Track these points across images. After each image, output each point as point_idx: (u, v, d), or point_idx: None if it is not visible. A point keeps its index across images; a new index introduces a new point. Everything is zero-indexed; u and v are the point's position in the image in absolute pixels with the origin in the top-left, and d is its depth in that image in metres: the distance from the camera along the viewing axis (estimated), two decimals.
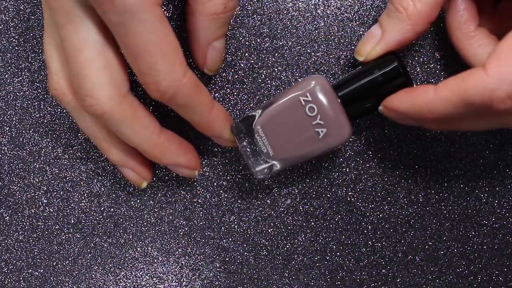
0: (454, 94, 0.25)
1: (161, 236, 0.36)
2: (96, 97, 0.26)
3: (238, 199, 0.36)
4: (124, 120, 0.27)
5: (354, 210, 0.35)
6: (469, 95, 0.24)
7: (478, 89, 0.24)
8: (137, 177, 0.33)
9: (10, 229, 0.37)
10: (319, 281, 0.36)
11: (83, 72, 0.26)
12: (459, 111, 0.25)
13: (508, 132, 0.34)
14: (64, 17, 0.26)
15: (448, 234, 0.35)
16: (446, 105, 0.25)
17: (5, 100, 0.36)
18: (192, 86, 0.27)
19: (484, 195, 0.35)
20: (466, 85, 0.24)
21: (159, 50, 0.25)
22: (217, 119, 0.29)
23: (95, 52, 0.26)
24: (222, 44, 0.30)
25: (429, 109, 0.26)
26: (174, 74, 0.26)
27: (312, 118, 0.28)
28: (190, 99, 0.27)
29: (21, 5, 0.35)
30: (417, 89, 0.27)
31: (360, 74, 0.29)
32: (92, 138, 0.31)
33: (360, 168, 0.35)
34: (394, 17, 0.28)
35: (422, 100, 0.26)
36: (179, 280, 0.37)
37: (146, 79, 0.26)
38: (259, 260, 0.36)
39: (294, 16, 0.33)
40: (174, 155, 0.30)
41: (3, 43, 0.35)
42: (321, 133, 0.29)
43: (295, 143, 0.29)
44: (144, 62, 0.25)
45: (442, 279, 0.35)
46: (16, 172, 0.36)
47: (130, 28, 0.24)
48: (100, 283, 0.37)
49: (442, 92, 0.25)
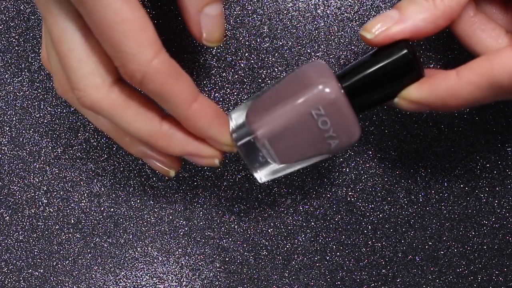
0: (481, 76, 0.23)
1: (161, 236, 0.36)
2: (82, 88, 0.25)
3: (238, 199, 0.36)
4: (115, 110, 0.26)
5: (354, 210, 0.35)
6: (498, 76, 0.22)
7: (507, 67, 0.22)
8: (162, 167, 0.30)
9: (10, 229, 0.37)
10: (319, 281, 0.36)
11: (67, 63, 0.25)
12: (486, 94, 0.23)
13: (508, 132, 0.34)
14: (45, 10, 0.25)
15: (448, 234, 0.35)
16: (472, 90, 0.23)
17: (5, 100, 0.36)
18: (164, 71, 0.24)
19: (484, 195, 0.35)
20: (493, 65, 0.22)
21: (121, 29, 0.23)
22: (200, 115, 0.26)
23: (75, 40, 0.25)
24: (217, 10, 0.26)
25: (453, 95, 0.24)
26: (141, 56, 0.23)
27: (324, 131, 0.26)
28: (162, 87, 0.24)
29: (21, 5, 0.35)
30: (436, 75, 0.25)
31: (367, 63, 0.26)
32: (106, 132, 0.29)
33: (360, 168, 0.35)
34: (419, 3, 0.26)
35: (444, 86, 0.24)
36: (179, 280, 0.37)
37: (116, 62, 0.24)
38: (259, 260, 0.36)
39: (294, 16, 0.33)
40: (181, 144, 0.27)
41: (3, 43, 0.35)
42: (333, 144, 0.27)
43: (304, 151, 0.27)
44: (108, 43, 0.23)
45: (442, 279, 0.35)
46: (16, 172, 0.36)
47: (89, 7, 0.23)
48: (100, 283, 0.37)
49: (467, 75, 0.23)
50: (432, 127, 0.34)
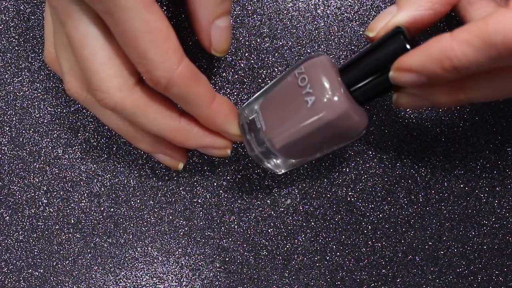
0: (474, 35, 0.22)
1: (161, 236, 0.36)
2: (105, 90, 0.26)
3: (238, 199, 0.36)
4: (137, 110, 0.27)
5: (354, 210, 0.35)
6: (491, 34, 0.22)
7: (500, 26, 0.21)
8: (171, 161, 0.32)
9: (10, 229, 0.37)
10: (319, 281, 0.36)
11: (89, 67, 0.26)
12: (479, 56, 0.22)
13: (508, 132, 0.34)
14: (64, 14, 0.26)
15: (448, 234, 0.35)
16: (465, 50, 0.22)
17: (5, 100, 0.36)
18: (187, 76, 0.26)
19: (484, 195, 0.35)
20: (487, 25, 0.22)
21: (147, 38, 0.24)
22: (218, 113, 0.28)
23: (98, 45, 0.26)
24: (226, 22, 0.28)
25: (446, 55, 0.23)
26: (166, 64, 0.25)
27: (302, 88, 0.27)
28: (186, 90, 0.26)
29: (21, 5, 0.35)
30: (429, 40, 0.24)
31: (364, 51, 0.26)
32: (117, 131, 0.31)
33: (360, 168, 0.35)
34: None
35: (438, 47, 0.23)
36: (179, 280, 0.37)
37: (140, 68, 0.25)
38: (259, 260, 0.36)
39: (294, 16, 0.33)
40: (198, 138, 0.29)
41: (3, 43, 0.35)
42: (309, 101, 0.26)
43: (286, 116, 0.27)
44: (134, 51, 0.24)
45: (442, 279, 0.35)
46: (16, 172, 0.36)
47: (116, 17, 0.23)
48: (100, 283, 0.37)
49: (460, 34, 0.23)
50: (432, 127, 0.34)
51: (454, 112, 0.34)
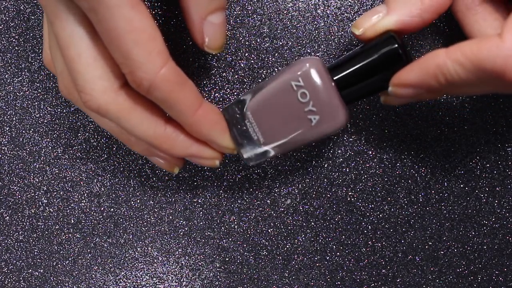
0: (466, 58, 0.23)
1: (161, 236, 0.36)
2: (88, 92, 0.25)
3: (238, 199, 0.36)
4: (121, 113, 0.26)
5: (354, 210, 0.35)
6: (482, 61, 0.23)
7: (491, 55, 0.23)
8: (167, 164, 0.31)
9: (10, 229, 0.37)
10: (319, 281, 0.36)
11: (74, 67, 0.25)
12: (470, 77, 0.24)
13: (508, 132, 0.34)
14: (53, 14, 0.25)
15: (448, 234, 0.35)
16: (458, 69, 0.24)
17: (5, 100, 0.36)
18: (171, 80, 0.25)
19: (484, 195, 0.35)
20: (480, 49, 0.23)
21: (130, 37, 0.23)
22: (203, 121, 0.27)
23: (84, 45, 0.25)
24: (220, 19, 0.27)
25: (441, 71, 0.24)
26: (149, 65, 0.24)
27: (304, 104, 0.27)
28: (169, 95, 0.25)
29: (21, 5, 0.35)
30: (425, 56, 0.25)
31: (357, 55, 0.27)
32: (112, 132, 0.30)
33: (360, 168, 0.35)
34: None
35: (433, 63, 0.24)
36: (179, 280, 0.37)
37: (123, 69, 0.24)
38: (259, 260, 0.36)
39: (294, 16, 0.33)
40: (184, 146, 0.28)
41: (3, 43, 0.35)
42: (313, 120, 0.27)
43: (287, 130, 0.28)
44: (118, 51, 0.24)
45: (442, 279, 0.35)
46: (16, 172, 0.36)
47: (100, 14, 0.23)
48: (100, 283, 0.37)
49: (455, 54, 0.24)
50: (432, 127, 0.34)
51: (454, 112, 0.34)
